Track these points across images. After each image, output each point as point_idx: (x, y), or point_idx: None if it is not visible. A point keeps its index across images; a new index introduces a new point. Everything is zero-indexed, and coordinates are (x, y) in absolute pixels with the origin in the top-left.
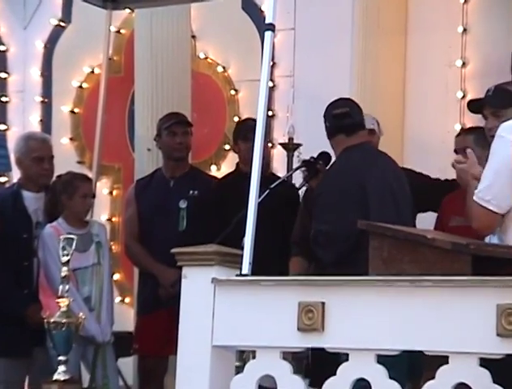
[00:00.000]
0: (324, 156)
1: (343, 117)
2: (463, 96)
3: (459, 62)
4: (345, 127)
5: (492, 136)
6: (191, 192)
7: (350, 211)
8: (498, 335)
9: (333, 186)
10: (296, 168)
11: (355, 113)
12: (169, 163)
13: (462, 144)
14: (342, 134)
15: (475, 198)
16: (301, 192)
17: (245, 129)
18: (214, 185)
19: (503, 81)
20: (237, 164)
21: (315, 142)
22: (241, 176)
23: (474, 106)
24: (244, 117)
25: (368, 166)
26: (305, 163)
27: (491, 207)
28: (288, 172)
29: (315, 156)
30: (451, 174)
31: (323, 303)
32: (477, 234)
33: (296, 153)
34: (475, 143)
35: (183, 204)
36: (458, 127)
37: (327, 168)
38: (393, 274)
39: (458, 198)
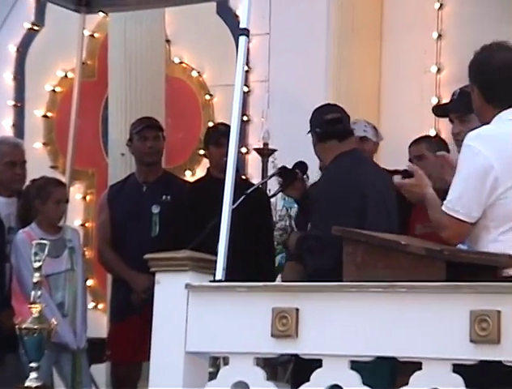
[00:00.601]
0: (301, 165)
1: (335, 123)
2: (438, 102)
3: (434, 68)
4: (338, 133)
5: (459, 140)
6: (164, 197)
7: (347, 217)
8: (471, 341)
9: (330, 193)
10: (272, 175)
11: (345, 118)
12: (142, 168)
13: (416, 153)
14: (334, 139)
15: (443, 208)
16: (277, 199)
17: (217, 134)
18: (186, 190)
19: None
20: (208, 169)
21: (290, 147)
22: (212, 181)
23: (440, 110)
24: (219, 121)
25: (364, 172)
26: (281, 170)
27: (461, 217)
28: (262, 178)
29: (289, 166)
30: None
31: (297, 309)
32: (443, 241)
33: (271, 159)
34: (427, 150)
35: (156, 209)
36: (432, 133)
37: (322, 174)
38: (367, 280)
39: (418, 206)
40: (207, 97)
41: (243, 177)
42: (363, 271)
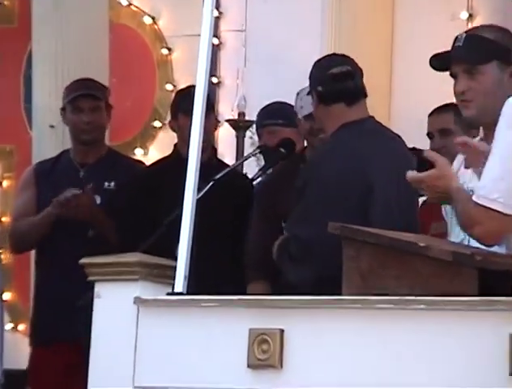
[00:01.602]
0: (287, 142)
1: (344, 79)
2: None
3: (465, 14)
4: (346, 93)
5: (466, 101)
6: (107, 184)
7: (346, 212)
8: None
9: (324, 176)
10: (250, 155)
11: (357, 74)
12: (78, 146)
13: (438, 125)
14: (341, 102)
15: (474, 198)
16: (256, 185)
17: (189, 99)
18: (140, 175)
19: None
20: (175, 146)
21: None
22: (179, 162)
23: (439, 62)
24: (180, 84)
25: (374, 155)
26: (261, 149)
27: (498, 208)
28: (237, 158)
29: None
30: None
31: (282, 331)
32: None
33: (248, 133)
34: (456, 123)
35: (96, 200)
36: None
37: (317, 150)
38: (374, 293)
39: None
40: (164, 52)
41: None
42: (369, 281)
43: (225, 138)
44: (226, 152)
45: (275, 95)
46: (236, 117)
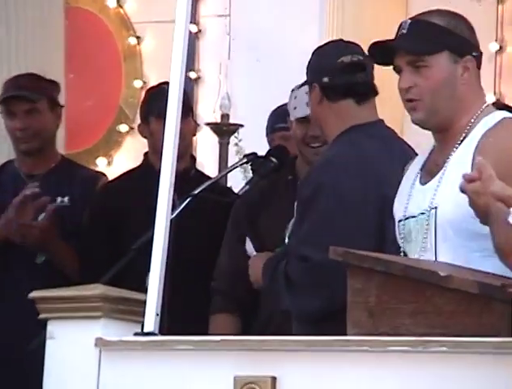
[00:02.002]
0: (279, 151)
1: (355, 70)
2: (500, 48)
3: None
4: (358, 87)
5: (412, 101)
6: (60, 199)
7: (358, 230)
8: None
9: (341, 188)
10: (235, 166)
11: (369, 66)
12: (20, 156)
13: None
14: (350, 98)
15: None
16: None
17: (162, 99)
18: (102, 189)
19: None
20: (146, 155)
21: (265, 120)
22: (150, 174)
23: (379, 53)
24: (150, 79)
25: (389, 165)
26: (249, 158)
27: None
28: (220, 170)
29: (262, 151)
30: None
31: (274, 378)
32: None
33: (233, 139)
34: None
35: (44, 217)
36: (491, 98)
37: (322, 156)
38: (384, 333)
39: None
40: (132, 41)
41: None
42: (379, 318)
43: (206, 145)
44: (207, 162)
45: (265, 93)
46: (218, 119)
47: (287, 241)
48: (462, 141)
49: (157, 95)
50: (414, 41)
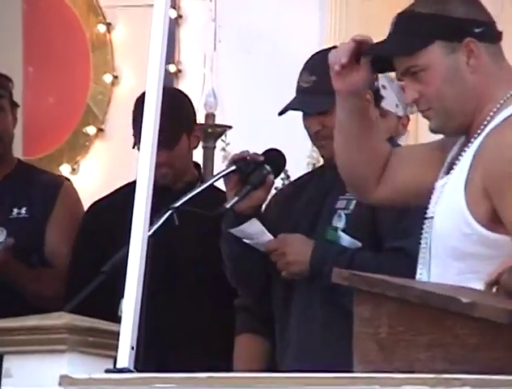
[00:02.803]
0: (273, 155)
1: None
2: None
3: None
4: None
5: (423, 112)
6: (16, 211)
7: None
8: None
9: None
10: (222, 174)
11: None
12: None
13: None
14: None
15: None
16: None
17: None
18: (90, 210)
19: None
20: None
21: (255, 122)
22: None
23: (378, 62)
24: (123, 73)
25: None
26: (238, 164)
27: None
28: (205, 178)
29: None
30: None
31: None
32: None
33: (220, 143)
34: None
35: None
36: None
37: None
38: (398, 369)
39: None
40: (101, 28)
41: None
42: (391, 352)
43: None
44: None
45: (256, 89)
46: (202, 120)
47: (344, 238)
48: (476, 137)
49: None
50: (397, 41)
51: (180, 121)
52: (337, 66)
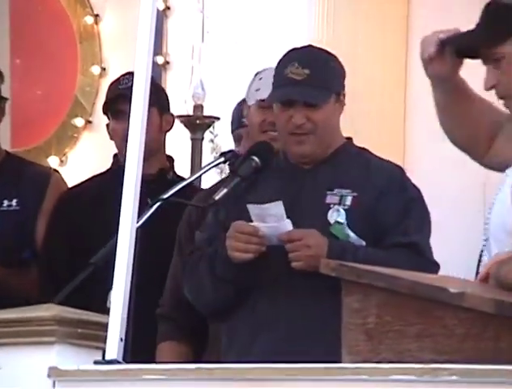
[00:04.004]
0: (261, 148)
1: None
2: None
3: None
4: None
5: (502, 98)
6: (7, 203)
7: None
8: None
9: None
10: (211, 166)
11: None
12: None
13: None
14: None
15: None
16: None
17: (113, 93)
18: (63, 197)
19: None
20: (115, 156)
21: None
22: (120, 177)
23: (459, 49)
24: (111, 65)
25: None
26: (226, 156)
27: None
28: (193, 170)
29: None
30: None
31: None
32: None
33: (208, 134)
34: None
35: None
36: None
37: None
38: (386, 359)
39: None
40: (89, 20)
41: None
42: (380, 342)
43: (176, 141)
44: (177, 161)
45: (244, 81)
46: (190, 112)
47: (351, 235)
48: None
49: (111, 87)
50: (485, 31)
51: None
52: (426, 56)
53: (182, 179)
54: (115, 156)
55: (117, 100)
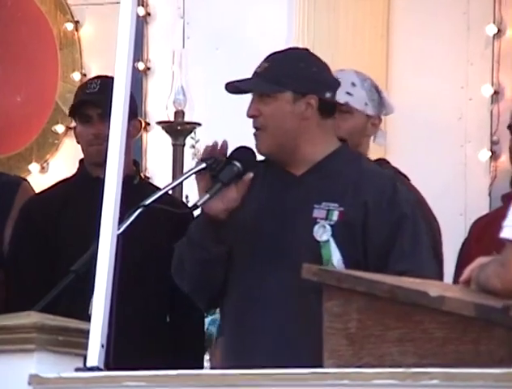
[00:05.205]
0: (243, 153)
1: (337, 87)
2: (498, 32)
3: None
4: (337, 105)
5: None
6: None
7: None
8: None
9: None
10: (192, 172)
11: None
12: None
13: None
14: (333, 116)
15: (503, 234)
16: None
17: (82, 98)
18: (28, 203)
19: None
20: (81, 161)
21: (224, 119)
22: (88, 183)
23: None
24: (91, 71)
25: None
26: (207, 162)
27: None
28: (174, 176)
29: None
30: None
31: None
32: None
33: (189, 140)
34: None
35: None
36: (488, 92)
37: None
38: (367, 363)
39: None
40: (69, 26)
41: (145, 175)
42: (361, 347)
43: (157, 147)
44: (158, 168)
45: (224, 86)
46: (171, 118)
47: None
48: None
49: (78, 91)
50: None
51: None
52: None
53: (149, 183)
54: (81, 161)
55: (83, 105)
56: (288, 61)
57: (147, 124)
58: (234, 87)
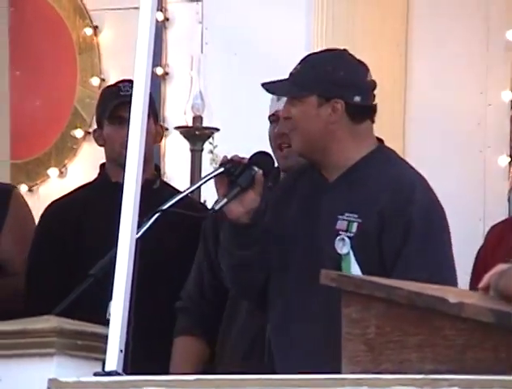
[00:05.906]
0: (262, 158)
1: (374, 89)
2: None
3: None
4: (375, 107)
5: None
6: None
7: None
8: None
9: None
10: (210, 177)
11: None
12: None
13: None
14: (369, 119)
15: None
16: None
17: (116, 100)
18: (49, 209)
19: None
20: (102, 166)
21: (242, 125)
22: (107, 189)
23: None
24: (110, 76)
25: None
26: (226, 167)
27: None
28: (192, 180)
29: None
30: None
31: None
32: None
33: (207, 145)
34: None
35: None
36: (508, 97)
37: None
38: (386, 370)
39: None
40: (88, 32)
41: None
42: (380, 353)
43: (175, 152)
44: (176, 173)
45: (243, 91)
46: (190, 123)
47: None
48: None
49: (111, 93)
50: None
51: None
52: None
53: (170, 187)
54: (102, 165)
55: (120, 107)
56: (316, 64)
57: (166, 129)
58: (267, 87)
